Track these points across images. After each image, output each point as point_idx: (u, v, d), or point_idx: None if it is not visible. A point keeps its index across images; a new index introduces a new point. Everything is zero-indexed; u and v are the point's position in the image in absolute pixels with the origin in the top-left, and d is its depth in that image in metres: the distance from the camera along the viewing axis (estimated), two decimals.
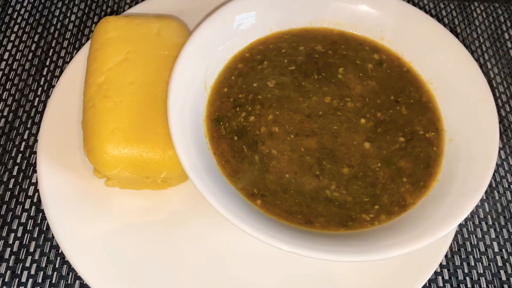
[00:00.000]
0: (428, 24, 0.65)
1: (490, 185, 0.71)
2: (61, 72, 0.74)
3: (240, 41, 0.65)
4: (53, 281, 0.60)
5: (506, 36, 0.86)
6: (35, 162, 0.65)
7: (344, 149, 0.59)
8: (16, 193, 0.65)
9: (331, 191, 0.56)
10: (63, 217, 0.58)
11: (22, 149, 0.69)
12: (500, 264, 0.65)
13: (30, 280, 0.60)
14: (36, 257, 0.61)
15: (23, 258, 0.61)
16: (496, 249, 0.66)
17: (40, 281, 0.60)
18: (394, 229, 0.53)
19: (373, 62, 0.66)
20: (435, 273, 0.63)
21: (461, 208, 0.52)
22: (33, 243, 0.62)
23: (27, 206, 0.64)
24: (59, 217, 0.58)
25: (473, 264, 0.64)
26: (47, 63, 0.76)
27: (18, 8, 0.81)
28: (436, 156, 0.60)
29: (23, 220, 0.63)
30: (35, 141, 0.69)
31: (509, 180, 0.71)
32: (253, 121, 0.60)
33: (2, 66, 0.75)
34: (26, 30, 0.79)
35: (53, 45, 0.78)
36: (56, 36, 0.79)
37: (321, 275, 0.59)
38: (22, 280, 0.60)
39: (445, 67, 0.64)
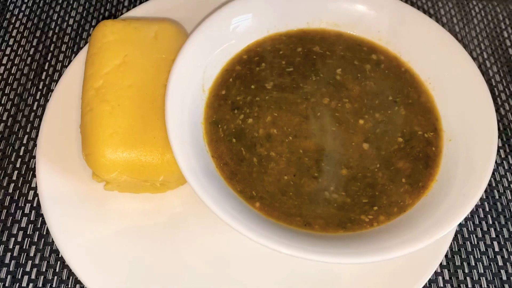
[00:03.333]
0: (425, 23, 0.65)
1: (490, 184, 0.70)
2: (60, 76, 0.74)
3: (237, 43, 0.65)
4: (54, 286, 0.60)
5: (505, 34, 0.86)
6: (35, 167, 0.65)
7: (342, 150, 0.59)
8: (16, 198, 0.65)
9: (330, 193, 0.56)
10: (63, 221, 0.58)
11: (21, 153, 0.69)
12: (500, 263, 0.64)
13: (31, 285, 0.60)
14: (37, 261, 0.61)
15: (23, 262, 0.61)
16: (497, 249, 0.66)
17: (40, 285, 0.60)
18: (393, 230, 0.53)
19: (371, 62, 0.66)
20: (435, 273, 0.63)
21: (460, 209, 0.52)
22: (33, 248, 0.62)
23: (27, 210, 0.65)
24: (58, 221, 0.58)
25: (473, 264, 0.64)
26: (46, 68, 0.76)
27: (16, 13, 0.82)
28: (435, 156, 0.59)
29: (23, 224, 0.64)
30: (35, 145, 0.69)
31: (509, 179, 0.71)
32: (251, 123, 0.60)
33: (1, 71, 0.75)
34: (25, 34, 0.79)
35: (51, 49, 0.78)
36: (54, 40, 0.79)
37: (321, 276, 0.59)
38: (22, 285, 0.60)
39: (443, 66, 0.64)
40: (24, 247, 0.62)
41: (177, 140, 0.54)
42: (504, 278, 0.63)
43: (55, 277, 0.60)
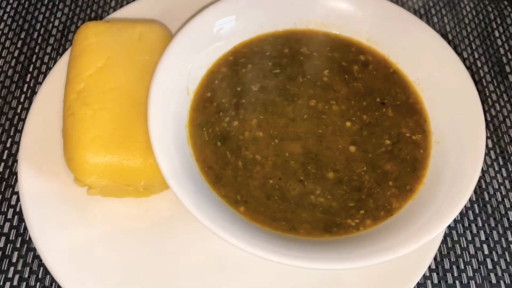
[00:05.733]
0: (414, 24, 0.65)
1: (479, 186, 0.70)
2: (45, 78, 0.73)
3: (223, 45, 0.64)
4: None
5: (496, 34, 0.85)
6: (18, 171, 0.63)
7: (329, 153, 0.58)
8: None
9: (315, 196, 0.55)
10: (45, 226, 0.57)
11: (4, 157, 0.68)
12: (490, 267, 0.64)
13: None
14: (19, 267, 0.60)
15: (5, 269, 0.60)
16: (486, 252, 0.65)
17: None
18: (380, 235, 0.53)
19: (359, 63, 0.65)
20: (424, 276, 0.62)
21: (448, 212, 0.52)
22: (15, 254, 0.61)
23: (9, 215, 0.63)
24: (40, 226, 0.57)
25: (462, 267, 0.64)
26: (30, 70, 0.75)
27: (0, 14, 0.80)
28: (422, 158, 0.59)
29: (5, 230, 0.62)
30: (18, 149, 0.67)
31: (499, 181, 0.70)
32: (236, 126, 0.59)
33: None
34: (9, 36, 0.78)
35: (36, 50, 0.77)
36: (39, 41, 0.78)
37: (308, 278, 0.58)
38: None
39: (432, 67, 0.63)
40: (7, 253, 0.61)
41: (159, 144, 0.53)
42: (494, 281, 0.63)
43: (38, 284, 0.59)
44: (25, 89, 0.73)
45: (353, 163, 0.58)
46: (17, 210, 0.64)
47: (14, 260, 0.61)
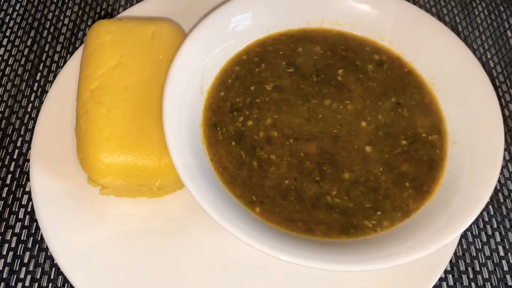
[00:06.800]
0: (428, 23, 0.64)
1: (494, 187, 0.69)
2: (55, 77, 0.73)
3: (237, 43, 0.64)
4: None
5: (509, 34, 0.85)
6: (29, 170, 0.63)
7: (344, 154, 0.57)
8: (10, 203, 0.64)
9: (332, 197, 0.55)
10: (57, 227, 0.57)
11: (15, 157, 0.67)
12: (506, 268, 0.63)
13: None
14: (31, 268, 0.60)
15: (17, 269, 0.60)
16: (502, 253, 0.64)
17: None
18: (397, 236, 0.52)
19: (373, 63, 0.65)
20: (440, 279, 0.62)
21: (466, 214, 0.51)
22: (27, 254, 0.60)
23: (21, 215, 0.63)
24: (52, 227, 0.57)
25: (478, 269, 0.63)
26: (40, 68, 0.74)
27: (10, 12, 0.80)
28: (439, 159, 0.58)
29: (17, 230, 0.62)
30: (29, 148, 0.67)
31: None
32: (251, 125, 0.58)
33: None
34: (19, 34, 0.78)
35: (46, 49, 0.76)
36: (49, 40, 0.77)
37: (322, 278, 0.58)
38: None
39: (447, 67, 0.62)
40: (18, 254, 0.60)
41: (175, 143, 0.52)
42: (510, 283, 0.62)
43: (50, 284, 0.59)
44: (35, 88, 0.73)
45: (369, 163, 0.57)
46: (29, 209, 0.63)
47: (26, 260, 0.60)
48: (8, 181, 0.65)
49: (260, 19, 0.63)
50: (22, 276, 0.59)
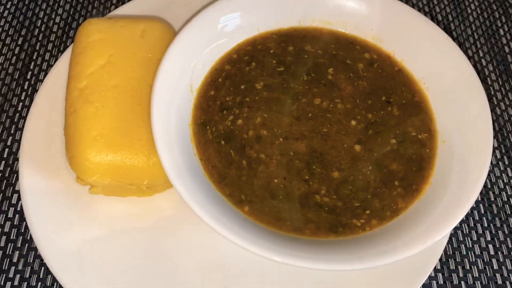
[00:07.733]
0: (419, 21, 0.64)
1: (485, 186, 0.69)
2: (46, 75, 0.72)
3: (227, 42, 0.63)
4: None
5: (501, 32, 0.85)
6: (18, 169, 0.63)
7: (334, 152, 0.57)
8: None
9: (321, 196, 0.55)
10: (46, 225, 0.57)
11: (5, 155, 0.67)
12: (496, 267, 0.63)
13: None
14: (20, 267, 0.60)
15: (6, 268, 0.59)
16: (492, 252, 0.64)
17: None
18: (386, 235, 0.52)
19: (364, 61, 0.65)
20: (429, 277, 0.62)
21: (455, 213, 0.51)
22: (16, 253, 0.60)
23: (10, 214, 0.63)
24: (41, 225, 0.56)
25: (468, 267, 0.63)
26: (31, 67, 0.74)
27: (1, 11, 0.79)
28: (429, 158, 0.58)
29: (6, 229, 0.62)
30: (19, 147, 0.67)
31: (505, 181, 0.70)
32: (240, 124, 0.58)
33: None
34: (10, 33, 0.77)
35: (37, 48, 0.76)
36: (40, 38, 0.77)
37: (311, 277, 0.58)
38: None
39: (437, 65, 0.62)
40: (7, 253, 0.60)
41: (163, 142, 0.52)
42: (500, 282, 0.62)
43: (39, 284, 0.59)
44: (25, 87, 0.73)
45: (359, 162, 0.57)
46: (18, 209, 0.63)
47: (15, 259, 0.60)
48: None
49: (250, 18, 0.63)
50: (11, 275, 0.59)
